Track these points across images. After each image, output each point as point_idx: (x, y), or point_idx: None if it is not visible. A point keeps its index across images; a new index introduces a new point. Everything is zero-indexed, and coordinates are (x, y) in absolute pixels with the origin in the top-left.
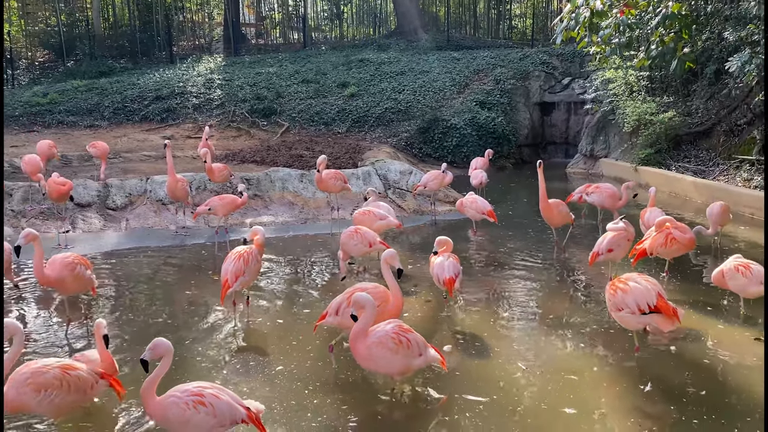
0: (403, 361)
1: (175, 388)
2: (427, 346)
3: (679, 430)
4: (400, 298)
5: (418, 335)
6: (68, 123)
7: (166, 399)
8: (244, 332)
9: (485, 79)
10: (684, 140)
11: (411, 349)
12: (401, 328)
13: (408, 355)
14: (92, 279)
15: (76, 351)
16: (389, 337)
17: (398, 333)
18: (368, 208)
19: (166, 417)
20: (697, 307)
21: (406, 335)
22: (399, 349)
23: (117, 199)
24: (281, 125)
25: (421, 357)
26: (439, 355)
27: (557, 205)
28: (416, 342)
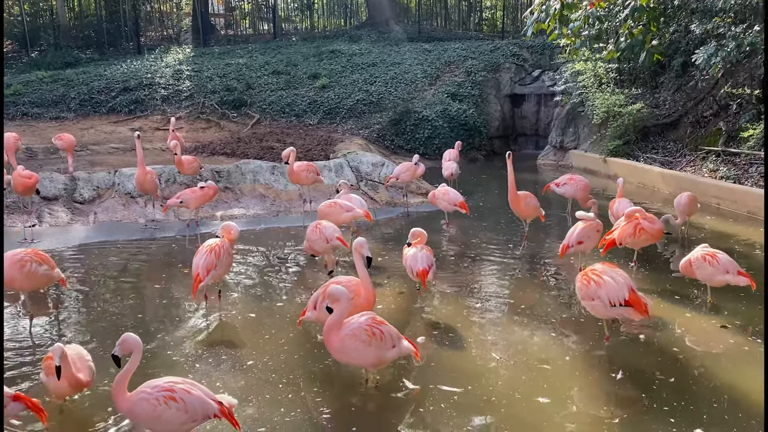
0: (377, 353)
1: (145, 384)
2: (400, 338)
3: (650, 417)
4: (371, 289)
5: (392, 327)
6: (33, 115)
7: (136, 395)
8: (217, 326)
9: (456, 71)
10: (652, 132)
11: (384, 341)
12: (374, 320)
13: (381, 347)
14: (50, 274)
15: (39, 347)
16: (362, 329)
17: (371, 325)
18: (334, 199)
19: (136, 413)
20: (665, 296)
21: (379, 327)
22: (372, 341)
23: (85, 193)
24: (252, 117)
25: (394, 349)
26: (412, 347)
27: (526, 197)
28: (389, 334)
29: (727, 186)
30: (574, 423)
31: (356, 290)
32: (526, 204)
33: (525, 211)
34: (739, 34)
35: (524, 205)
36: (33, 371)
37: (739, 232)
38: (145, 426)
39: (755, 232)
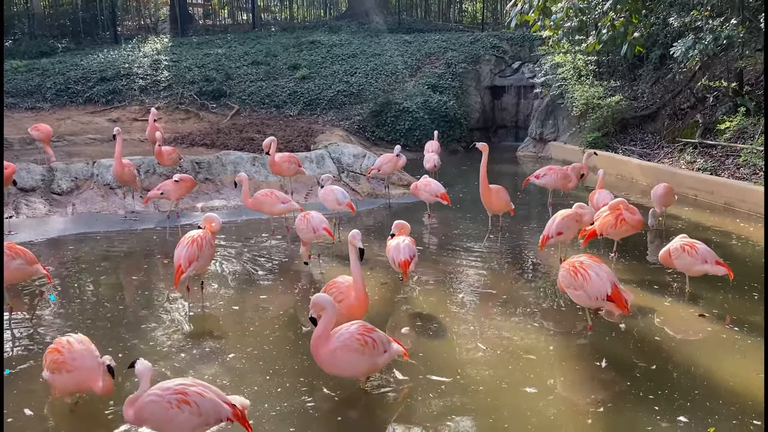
0: (370, 361)
1: (156, 386)
2: (390, 341)
3: (634, 405)
4: (362, 291)
5: (381, 332)
6: (8, 105)
7: (146, 397)
8: (200, 318)
9: (437, 62)
10: (630, 124)
11: (377, 347)
12: (365, 327)
13: (374, 354)
14: (25, 269)
15: (18, 338)
16: (354, 338)
17: (363, 334)
18: (270, 189)
19: (144, 417)
20: (644, 286)
21: (370, 335)
22: (365, 350)
23: (62, 184)
24: (231, 108)
25: (386, 354)
26: (401, 348)
27: (497, 191)
28: (380, 340)
29: (704, 177)
30: (561, 412)
31: (346, 291)
32: (498, 198)
33: (496, 204)
34: (716, 27)
35: (496, 198)
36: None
37: (716, 222)
38: (153, 429)
39: (731, 222)
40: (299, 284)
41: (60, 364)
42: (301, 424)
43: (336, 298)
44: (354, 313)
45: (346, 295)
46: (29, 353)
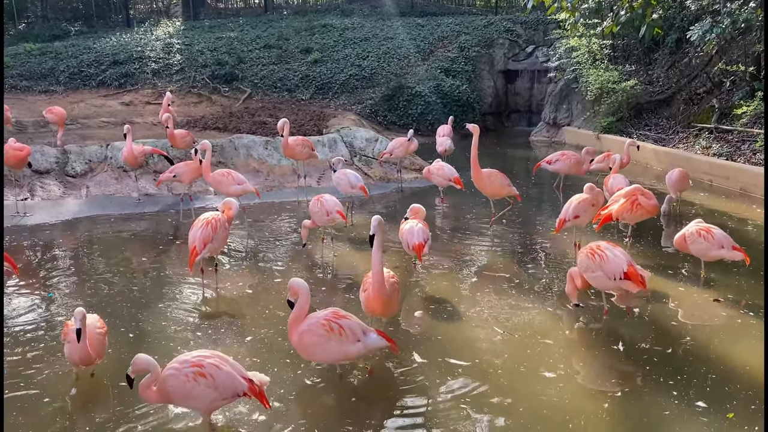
0: (339, 349)
1: (174, 359)
2: (367, 332)
3: (652, 389)
4: (379, 285)
5: (355, 321)
6: (21, 88)
7: (165, 371)
8: (214, 300)
9: (450, 46)
10: (645, 108)
11: (345, 335)
12: (335, 314)
13: (343, 342)
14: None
15: (18, 316)
16: (320, 323)
17: (329, 319)
18: (227, 170)
19: (167, 392)
20: (659, 271)
21: (338, 321)
22: (331, 336)
23: (76, 166)
24: (243, 91)
25: (359, 343)
26: (386, 341)
27: (489, 174)
28: (350, 328)
29: (719, 163)
30: (578, 396)
31: (370, 284)
32: (489, 182)
33: (489, 188)
34: (734, 10)
35: (488, 182)
36: (30, 344)
37: (732, 208)
38: (174, 403)
39: (747, 208)
40: (312, 267)
41: (64, 335)
42: (317, 406)
43: (363, 287)
44: (372, 306)
45: (369, 288)
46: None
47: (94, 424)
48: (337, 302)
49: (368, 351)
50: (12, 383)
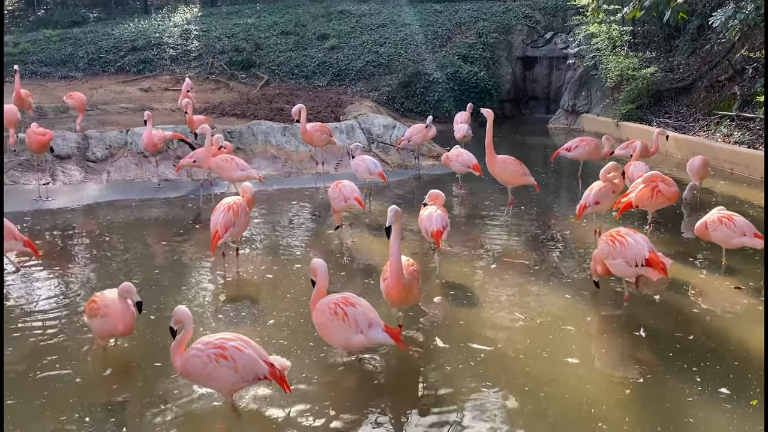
0: (342, 335)
1: (198, 340)
2: (374, 325)
3: (675, 376)
4: (396, 276)
5: (363, 312)
6: (42, 74)
7: (188, 352)
8: (235, 284)
9: (467, 32)
10: (665, 96)
11: (347, 323)
12: (345, 300)
13: (344, 329)
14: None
15: (41, 299)
16: (329, 306)
17: (337, 304)
18: (230, 155)
19: (188, 370)
20: (679, 258)
21: (344, 308)
22: (335, 321)
23: (97, 151)
24: (261, 78)
25: (361, 335)
26: (391, 339)
27: (504, 161)
28: (355, 318)
29: (741, 151)
30: (602, 382)
31: (389, 273)
32: (502, 169)
33: (502, 176)
34: None
35: (501, 170)
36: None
37: (753, 196)
38: (198, 383)
39: None
40: (331, 252)
41: (95, 310)
42: (339, 390)
43: (383, 276)
44: (391, 295)
45: (388, 278)
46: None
47: (126, 402)
48: (356, 288)
49: (371, 344)
50: (44, 364)
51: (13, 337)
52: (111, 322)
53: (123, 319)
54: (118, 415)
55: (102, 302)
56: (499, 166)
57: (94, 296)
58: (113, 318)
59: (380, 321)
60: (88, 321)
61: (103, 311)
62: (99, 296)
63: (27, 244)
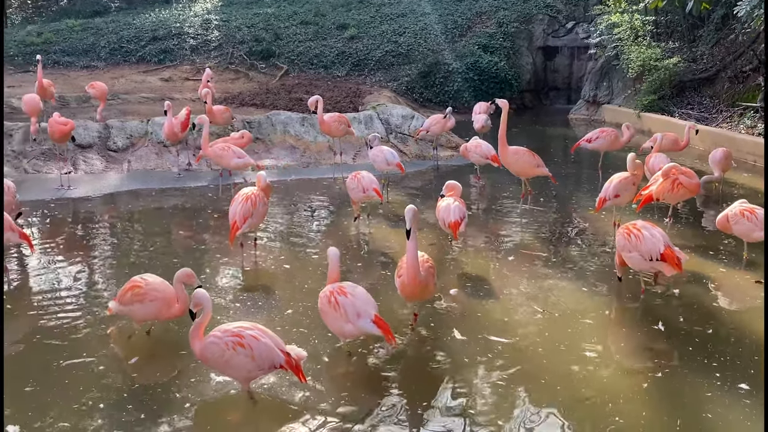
0: (335, 323)
1: (217, 328)
2: (362, 316)
3: (694, 370)
4: (413, 274)
5: (353, 302)
6: (64, 63)
7: (206, 339)
8: (253, 274)
9: (488, 22)
10: (688, 87)
11: (338, 312)
12: (340, 289)
13: (337, 318)
14: None
15: (63, 287)
16: (326, 294)
17: (333, 292)
18: (227, 144)
19: (206, 356)
20: (700, 251)
21: (336, 297)
22: (329, 308)
23: (118, 141)
24: (280, 68)
25: (350, 324)
26: (379, 330)
27: (516, 152)
28: (345, 307)
29: (764, 143)
30: (620, 376)
31: (404, 270)
32: (515, 160)
33: (515, 167)
34: None
35: (513, 161)
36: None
37: None
38: (215, 370)
39: None
40: (348, 243)
41: (141, 295)
42: (356, 380)
43: (397, 272)
44: (406, 292)
45: (404, 274)
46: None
47: (147, 389)
48: (372, 278)
49: (360, 334)
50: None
51: (38, 326)
52: (157, 306)
53: (182, 301)
54: (137, 401)
55: (149, 286)
56: (511, 157)
57: (136, 281)
58: (161, 302)
59: (371, 312)
60: (126, 307)
61: (152, 295)
62: (142, 281)
63: (22, 236)
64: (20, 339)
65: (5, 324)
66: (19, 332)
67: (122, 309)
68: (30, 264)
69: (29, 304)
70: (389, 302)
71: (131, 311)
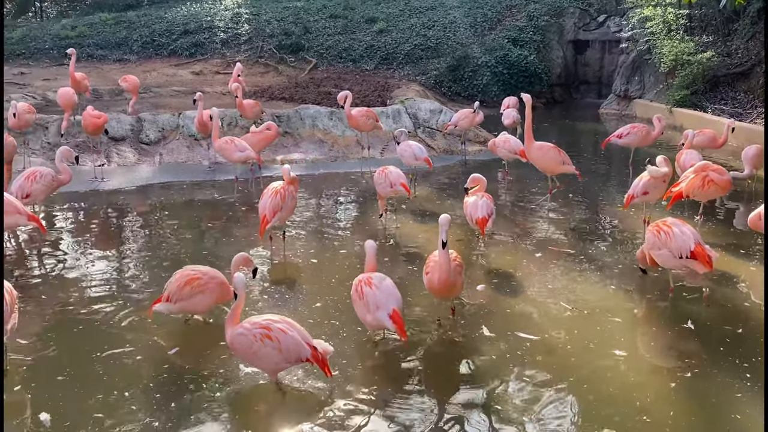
0: (360, 311)
1: (246, 320)
2: (381, 308)
3: (724, 370)
4: (445, 276)
5: (373, 294)
6: (97, 57)
7: (237, 329)
8: (281, 266)
9: (518, 15)
10: (722, 82)
11: (362, 301)
12: (366, 280)
13: (361, 306)
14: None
15: (98, 280)
16: (356, 283)
17: (360, 281)
18: (231, 137)
19: (236, 347)
20: (730, 250)
21: (363, 287)
22: (356, 299)
23: (150, 134)
24: (309, 62)
25: (369, 315)
26: (393, 325)
27: (541, 148)
28: (367, 297)
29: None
30: (648, 375)
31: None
32: (539, 156)
33: (540, 163)
34: None
35: (537, 156)
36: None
37: None
38: (244, 360)
39: None
40: (375, 237)
41: (203, 286)
42: (383, 376)
43: (425, 269)
44: (434, 289)
45: (433, 273)
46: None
47: (180, 379)
48: (399, 273)
49: (379, 326)
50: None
51: (78, 317)
52: (219, 292)
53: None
54: (168, 390)
55: (208, 275)
56: (536, 153)
57: (191, 275)
58: (223, 287)
59: (391, 306)
60: (186, 302)
61: (213, 283)
62: (198, 272)
63: (31, 218)
64: (57, 329)
65: (39, 314)
66: (56, 322)
67: (183, 305)
68: (66, 255)
69: (66, 296)
70: (415, 297)
71: (192, 304)
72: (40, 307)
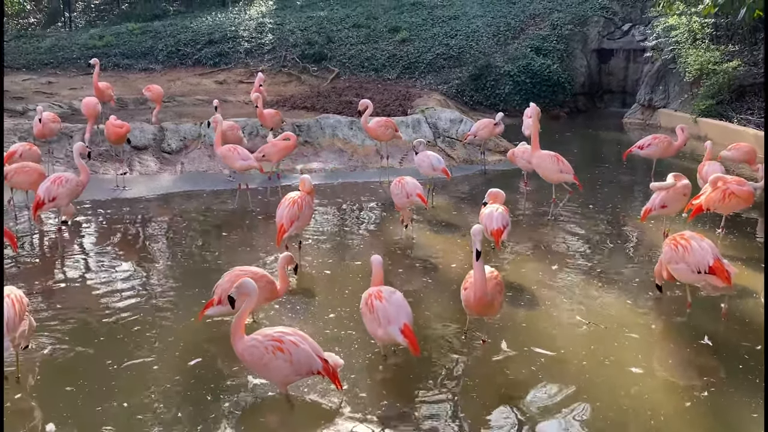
0: (370, 325)
1: (258, 331)
2: (391, 323)
3: (741, 389)
4: (481, 292)
5: (384, 308)
6: (123, 66)
7: (249, 341)
8: (297, 276)
9: (541, 24)
10: (748, 91)
11: (372, 315)
12: (376, 294)
13: (371, 321)
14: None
15: (120, 287)
16: (364, 300)
17: (371, 295)
18: (234, 145)
19: (246, 358)
20: (751, 264)
21: (372, 303)
22: (366, 312)
23: (172, 143)
24: (331, 71)
25: (380, 329)
26: (405, 340)
27: (539, 156)
28: (378, 312)
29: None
30: (664, 393)
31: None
32: (537, 164)
33: (538, 170)
34: None
35: (535, 164)
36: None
37: None
38: (254, 372)
39: None
40: (391, 248)
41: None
42: (395, 388)
43: (464, 285)
44: (471, 307)
45: (470, 289)
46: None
47: (192, 389)
48: (414, 284)
49: (390, 341)
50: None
51: (98, 326)
52: (269, 290)
53: (284, 281)
54: (178, 401)
55: (257, 275)
56: (535, 161)
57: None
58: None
59: (402, 320)
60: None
61: (261, 284)
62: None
63: (6, 235)
64: (76, 337)
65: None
66: (75, 330)
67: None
68: (87, 263)
69: (87, 304)
70: (431, 309)
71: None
72: (60, 314)
